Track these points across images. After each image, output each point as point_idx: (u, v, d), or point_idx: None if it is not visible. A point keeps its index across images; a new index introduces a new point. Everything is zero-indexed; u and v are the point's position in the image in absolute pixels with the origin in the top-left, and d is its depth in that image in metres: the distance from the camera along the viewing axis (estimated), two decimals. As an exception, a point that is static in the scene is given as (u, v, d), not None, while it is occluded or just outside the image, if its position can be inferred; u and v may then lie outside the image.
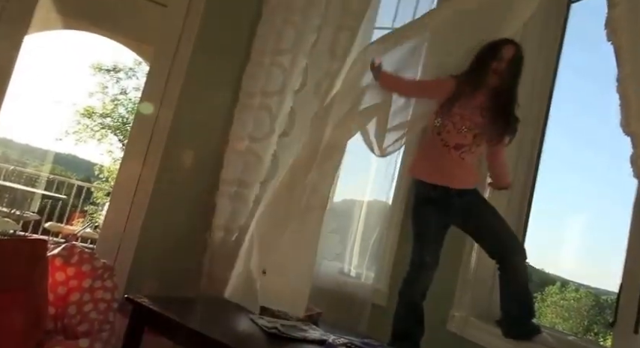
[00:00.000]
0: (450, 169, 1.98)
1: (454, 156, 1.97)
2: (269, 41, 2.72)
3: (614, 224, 1.93)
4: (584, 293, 3.65)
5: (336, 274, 2.47)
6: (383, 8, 2.77)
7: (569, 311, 3.55)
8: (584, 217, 2.51)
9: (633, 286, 1.63)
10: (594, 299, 3.55)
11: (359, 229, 2.57)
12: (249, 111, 2.69)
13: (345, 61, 2.50)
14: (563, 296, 3.83)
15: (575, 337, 2.03)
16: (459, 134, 1.97)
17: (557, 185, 2.01)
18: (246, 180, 2.58)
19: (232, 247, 2.45)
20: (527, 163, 2.22)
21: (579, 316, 3.61)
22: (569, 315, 3.55)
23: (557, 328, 2.20)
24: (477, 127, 1.97)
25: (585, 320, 3.55)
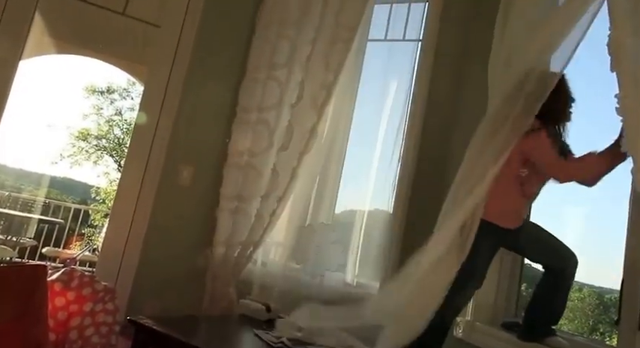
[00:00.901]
0: (522, 213, 1.96)
1: (524, 202, 1.97)
2: (264, 56, 2.75)
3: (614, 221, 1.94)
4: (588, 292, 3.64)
5: (340, 285, 2.46)
6: (375, 21, 2.80)
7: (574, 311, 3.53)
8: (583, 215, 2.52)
9: (635, 283, 1.63)
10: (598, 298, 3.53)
11: (361, 240, 2.57)
12: (247, 126, 2.71)
13: (340, 73, 2.53)
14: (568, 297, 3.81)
15: (582, 338, 2.02)
16: (536, 186, 1.95)
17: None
18: (246, 194, 2.58)
19: (234, 263, 2.44)
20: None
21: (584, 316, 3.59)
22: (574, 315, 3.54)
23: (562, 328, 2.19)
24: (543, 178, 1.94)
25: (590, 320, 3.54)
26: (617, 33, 1.56)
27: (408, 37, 2.71)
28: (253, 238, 2.47)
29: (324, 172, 2.70)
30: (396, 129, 2.56)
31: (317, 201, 2.69)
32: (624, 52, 1.53)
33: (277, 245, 2.68)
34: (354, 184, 2.75)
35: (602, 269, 2.53)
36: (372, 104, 2.70)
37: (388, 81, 2.67)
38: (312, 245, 2.44)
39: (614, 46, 1.57)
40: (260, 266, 2.59)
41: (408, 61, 2.65)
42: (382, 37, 2.81)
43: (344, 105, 2.74)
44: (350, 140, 2.77)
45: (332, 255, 2.41)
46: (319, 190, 2.70)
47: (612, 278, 1.97)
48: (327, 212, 2.68)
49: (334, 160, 2.72)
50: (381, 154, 2.62)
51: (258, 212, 2.50)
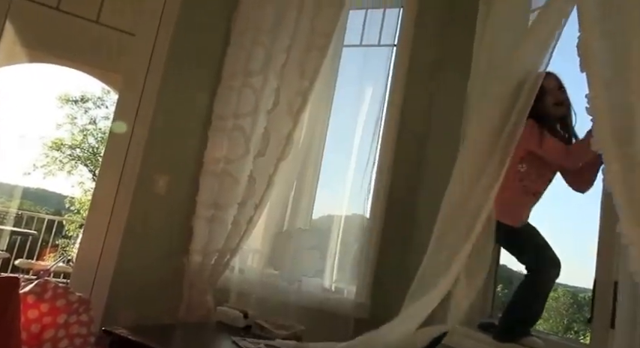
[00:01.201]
0: (523, 211, 1.99)
1: (530, 201, 1.99)
2: (239, 63, 2.76)
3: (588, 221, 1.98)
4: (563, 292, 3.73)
5: (318, 290, 2.46)
6: (350, 26, 2.84)
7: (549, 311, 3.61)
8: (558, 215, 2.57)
9: (607, 281, 1.68)
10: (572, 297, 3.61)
11: (339, 245, 2.57)
12: (223, 133, 2.71)
13: (316, 79, 2.55)
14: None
15: (556, 336, 2.06)
16: (540, 182, 1.97)
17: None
18: (222, 202, 2.57)
19: (211, 271, 2.43)
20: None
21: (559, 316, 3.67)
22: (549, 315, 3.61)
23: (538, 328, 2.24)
24: (555, 171, 1.98)
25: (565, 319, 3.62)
26: (586, 36, 1.62)
27: (383, 42, 2.74)
28: (230, 245, 2.45)
29: (301, 178, 2.71)
30: (372, 134, 2.58)
31: (294, 207, 2.69)
32: (592, 54, 1.58)
33: (254, 252, 2.67)
34: (331, 189, 2.76)
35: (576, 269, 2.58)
36: (348, 109, 2.72)
37: (364, 86, 2.69)
38: (289, 251, 2.44)
39: (583, 49, 1.62)
40: (237, 273, 2.57)
41: (383, 67, 2.67)
42: (357, 42, 2.84)
43: (320, 111, 2.76)
44: (326, 146, 2.78)
45: (309, 260, 2.42)
46: (296, 196, 2.71)
47: (586, 278, 2.01)
48: (304, 218, 2.68)
49: (311, 166, 2.73)
50: (357, 159, 2.63)
51: (235, 219, 2.48)
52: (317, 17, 2.62)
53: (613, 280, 1.66)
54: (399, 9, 2.71)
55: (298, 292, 2.39)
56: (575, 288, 3.49)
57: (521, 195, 1.96)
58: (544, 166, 1.94)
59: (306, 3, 2.68)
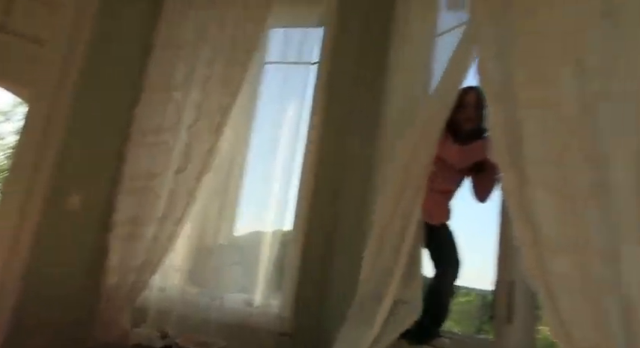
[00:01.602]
0: (441, 210, 2.14)
1: (442, 199, 2.14)
2: (162, 77, 2.72)
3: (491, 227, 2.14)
4: (474, 296, 3.94)
5: (241, 306, 2.44)
6: (272, 44, 2.89)
7: (462, 314, 3.81)
8: (472, 223, 2.74)
9: (504, 282, 1.83)
10: (482, 300, 3.82)
11: (262, 260, 2.57)
12: (144, 148, 2.64)
13: (238, 94, 2.56)
14: (457, 301, 4.08)
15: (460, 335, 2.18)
16: (449, 181, 2.14)
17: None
18: (142, 218, 2.50)
19: (128, 290, 2.33)
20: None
21: (471, 318, 3.88)
22: (462, 318, 3.81)
23: (453, 330, 2.36)
24: (462, 174, 2.14)
25: (477, 321, 3.83)
26: (483, 56, 1.78)
27: (304, 60, 2.81)
28: (149, 263, 2.38)
29: (224, 193, 2.69)
30: (294, 149, 2.63)
31: (216, 222, 2.65)
32: (488, 73, 1.74)
33: (176, 270, 2.60)
34: (255, 205, 2.75)
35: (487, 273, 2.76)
36: (271, 125, 2.75)
37: (286, 102, 2.74)
38: (211, 267, 2.40)
39: (480, 68, 1.79)
40: (157, 292, 2.49)
41: (304, 84, 2.74)
42: (279, 59, 2.89)
43: (242, 126, 2.77)
44: (249, 161, 2.78)
45: (232, 276, 2.39)
46: (219, 212, 2.67)
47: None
48: (227, 233, 2.65)
49: (233, 181, 2.71)
50: (280, 175, 2.66)
51: (155, 236, 2.42)
52: (239, 33, 2.65)
53: (510, 279, 1.80)
54: (320, 28, 2.81)
55: (220, 308, 2.35)
56: (485, 291, 3.70)
57: (433, 194, 2.09)
58: (449, 168, 2.10)
59: (227, 19, 2.70)
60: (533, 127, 1.55)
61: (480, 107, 2.10)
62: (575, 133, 1.46)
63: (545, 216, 1.43)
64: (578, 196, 1.40)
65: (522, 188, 1.54)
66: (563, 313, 1.31)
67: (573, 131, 1.46)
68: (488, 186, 2.09)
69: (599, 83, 1.43)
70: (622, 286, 1.25)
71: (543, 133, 1.53)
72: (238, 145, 2.73)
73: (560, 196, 1.42)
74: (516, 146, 1.59)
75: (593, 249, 1.31)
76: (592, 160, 1.41)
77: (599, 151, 1.40)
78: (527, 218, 1.49)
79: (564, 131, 1.48)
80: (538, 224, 1.44)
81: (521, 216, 1.51)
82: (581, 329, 1.28)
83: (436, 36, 2.48)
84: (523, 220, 1.50)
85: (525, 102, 1.60)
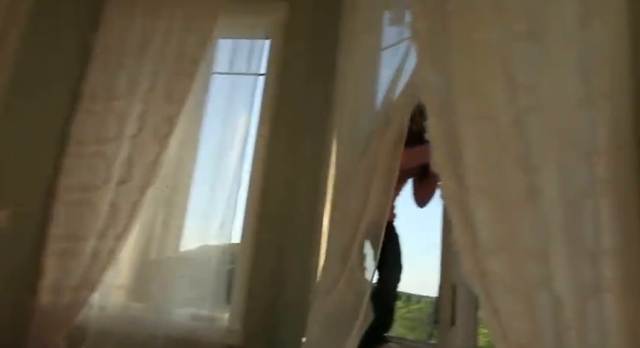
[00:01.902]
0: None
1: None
2: (101, 86, 2.64)
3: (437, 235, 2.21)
4: (425, 303, 4.05)
5: (188, 320, 2.37)
6: (220, 54, 2.88)
7: (414, 321, 3.91)
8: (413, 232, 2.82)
9: (448, 286, 1.90)
10: (432, 307, 3.94)
11: (212, 273, 2.52)
12: (82, 159, 2.54)
13: (184, 105, 2.53)
14: (408, 309, 4.20)
15: (415, 342, 2.24)
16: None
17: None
18: (79, 234, 2.39)
19: (65, 310, 2.23)
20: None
21: (422, 325, 3.98)
22: (415, 325, 3.91)
23: (407, 337, 2.42)
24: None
25: (428, 327, 3.93)
26: (423, 72, 1.86)
27: (252, 70, 2.81)
28: (89, 280, 2.28)
29: (169, 205, 2.62)
30: (242, 161, 2.61)
31: (162, 235, 2.58)
32: (429, 86, 1.83)
33: (118, 286, 2.50)
34: (202, 217, 2.70)
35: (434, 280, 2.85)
36: (218, 136, 2.72)
37: (233, 113, 2.72)
38: (156, 281, 2.33)
39: (420, 82, 1.87)
40: (97, 310, 2.38)
41: (252, 94, 2.74)
42: (227, 70, 2.88)
43: (189, 137, 2.72)
44: (196, 173, 2.73)
45: (178, 290, 2.33)
46: (164, 224, 2.60)
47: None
48: (173, 246, 2.58)
49: (179, 193, 2.65)
50: (229, 186, 2.63)
51: (95, 252, 2.32)
52: (184, 43, 2.63)
53: (453, 283, 1.88)
54: (267, 40, 2.83)
55: (167, 323, 2.28)
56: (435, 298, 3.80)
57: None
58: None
59: (173, 28, 2.67)
60: (470, 138, 1.64)
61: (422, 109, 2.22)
62: (509, 144, 1.56)
63: (482, 220, 1.52)
64: (512, 202, 1.49)
65: (462, 195, 1.62)
66: (499, 312, 1.39)
67: (507, 142, 1.57)
68: (428, 192, 2.19)
69: (527, 98, 1.55)
70: (552, 283, 1.34)
71: (480, 143, 1.62)
72: (185, 157, 2.68)
73: (495, 201, 1.51)
74: (456, 156, 1.68)
75: (526, 249, 1.41)
76: (524, 169, 1.51)
77: (531, 161, 1.50)
78: (466, 223, 1.57)
79: (499, 142, 1.58)
80: (476, 228, 1.52)
81: (461, 221, 1.59)
82: (516, 325, 1.36)
83: (381, 50, 2.58)
84: (462, 225, 1.58)
85: (463, 114, 1.69)
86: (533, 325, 1.33)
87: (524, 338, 1.33)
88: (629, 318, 1.19)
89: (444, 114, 1.76)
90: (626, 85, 1.41)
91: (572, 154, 1.41)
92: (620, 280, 1.20)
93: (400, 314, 4.69)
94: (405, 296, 4.60)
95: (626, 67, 1.43)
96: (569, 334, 1.28)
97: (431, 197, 2.22)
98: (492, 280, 1.43)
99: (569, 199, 1.36)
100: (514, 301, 1.37)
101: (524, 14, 1.64)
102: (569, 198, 1.36)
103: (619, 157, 1.32)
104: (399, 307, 4.68)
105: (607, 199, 1.27)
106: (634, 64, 1.43)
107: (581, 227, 1.33)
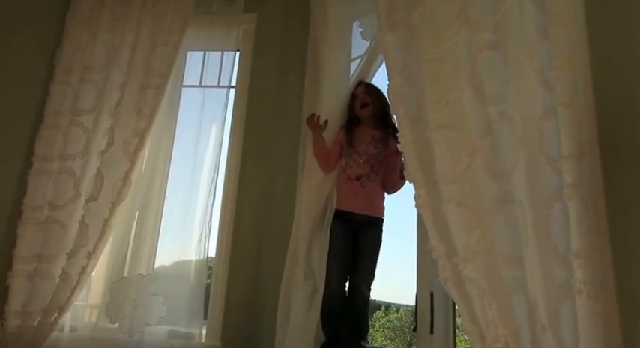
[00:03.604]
0: (354, 197, 2.22)
1: (356, 186, 2.23)
2: (66, 101, 2.59)
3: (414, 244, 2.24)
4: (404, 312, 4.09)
5: (164, 337, 2.31)
6: (189, 67, 2.85)
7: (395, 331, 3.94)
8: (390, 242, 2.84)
9: (426, 294, 1.92)
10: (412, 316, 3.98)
11: (187, 289, 2.46)
12: (48, 176, 2.47)
13: (154, 118, 2.49)
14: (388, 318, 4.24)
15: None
16: (358, 167, 2.25)
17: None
18: (48, 253, 2.32)
19: (34, 334, 2.15)
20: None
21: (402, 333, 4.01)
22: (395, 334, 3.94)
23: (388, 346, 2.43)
24: (373, 158, 2.26)
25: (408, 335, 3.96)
26: (394, 84, 1.89)
27: (222, 83, 2.79)
28: (59, 301, 2.20)
29: (141, 221, 2.54)
30: (215, 174, 2.57)
31: (134, 253, 2.50)
32: (400, 98, 1.85)
33: (90, 306, 2.42)
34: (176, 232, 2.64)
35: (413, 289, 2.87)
36: (190, 149, 2.66)
37: (204, 126, 2.68)
38: (128, 299, 2.26)
39: (392, 94, 1.89)
40: (68, 332, 2.29)
41: (223, 107, 2.72)
42: (197, 82, 2.85)
43: (160, 151, 2.66)
44: (168, 187, 2.67)
45: (152, 308, 2.27)
46: (136, 241, 2.53)
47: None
48: (146, 264, 2.51)
49: (152, 209, 2.57)
50: (202, 200, 2.58)
51: (65, 271, 2.24)
52: (152, 56, 2.60)
53: (430, 291, 1.90)
54: (236, 52, 2.82)
55: (140, 342, 2.22)
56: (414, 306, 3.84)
57: (346, 181, 2.27)
58: (359, 156, 2.28)
59: (140, 42, 2.64)
60: (441, 147, 1.67)
61: (371, 93, 2.36)
62: (478, 152, 1.60)
63: (456, 228, 1.54)
64: (484, 208, 1.52)
65: (435, 203, 1.64)
66: (477, 317, 1.41)
67: (477, 150, 1.60)
68: (395, 182, 2.26)
69: (495, 107, 1.59)
70: (527, 286, 1.37)
71: (451, 152, 1.65)
72: (157, 170, 2.62)
73: (468, 208, 1.54)
74: (428, 165, 1.71)
75: (500, 254, 1.44)
76: (495, 176, 1.55)
77: (501, 168, 1.54)
78: (441, 231, 1.60)
79: (469, 150, 1.61)
80: (451, 236, 1.55)
81: (436, 229, 1.61)
82: (494, 330, 1.38)
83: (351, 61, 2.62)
84: (437, 233, 1.61)
85: (434, 123, 1.72)
86: (511, 328, 1.36)
87: (502, 342, 1.36)
88: (600, 317, 1.23)
89: (416, 123, 1.79)
90: (587, 92, 1.47)
91: (540, 161, 1.45)
92: (590, 281, 1.24)
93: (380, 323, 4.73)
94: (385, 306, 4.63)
95: (585, 75, 1.49)
96: (544, 336, 1.31)
97: (398, 187, 2.29)
98: (469, 286, 1.45)
99: (540, 204, 1.40)
100: (490, 306, 1.39)
101: (489, 25, 1.69)
102: (539, 203, 1.40)
103: (583, 162, 1.37)
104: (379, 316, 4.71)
105: (575, 202, 1.31)
106: (593, 72, 1.49)
107: (551, 231, 1.37)
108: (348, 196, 2.23)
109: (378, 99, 2.35)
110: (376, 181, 2.27)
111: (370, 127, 2.33)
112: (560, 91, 1.41)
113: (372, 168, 2.26)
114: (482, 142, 1.59)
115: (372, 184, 2.25)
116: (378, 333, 4.05)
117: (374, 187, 2.26)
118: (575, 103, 1.41)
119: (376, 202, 2.27)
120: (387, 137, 2.30)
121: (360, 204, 2.22)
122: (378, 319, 4.19)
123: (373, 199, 2.26)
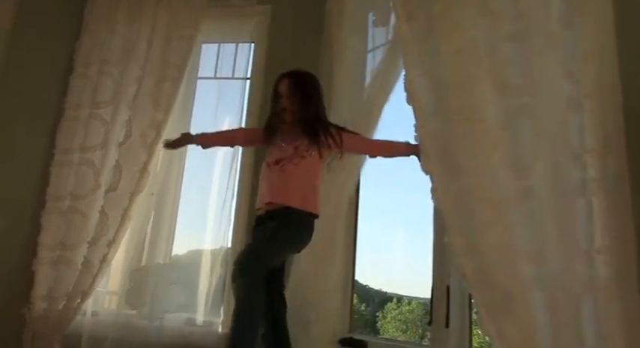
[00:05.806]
0: (270, 184, 2.01)
1: (274, 171, 1.99)
2: (85, 94, 2.63)
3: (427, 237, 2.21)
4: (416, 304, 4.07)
5: (182, 325, 2.36)
6: (204, 59, 2.85)
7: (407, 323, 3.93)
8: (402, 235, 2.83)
9: (441, 287, 1.90)
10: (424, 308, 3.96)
11: (205, 278, 2.50)
12: (69, 168, 2.53)
13: (170, 111, 2.51)
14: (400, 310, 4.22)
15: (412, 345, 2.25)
16: (279, 151, 2.00)
17: (380, 203, 2.24)
18: (70, 241, 2.38)
19: (58, 318, 2.22)
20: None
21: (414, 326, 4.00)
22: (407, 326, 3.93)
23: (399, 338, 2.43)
24: (296, 141, 1.99)
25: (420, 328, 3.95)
26: (411, 75, 1.86)
27: (237, 75, 2.80)
28: (81, 287, 2.27)
29: (159, 211, 2.59)
30: (230, 165, 2.58)
31: (152, 242, 2.55)
32: (416, 90, 1.82)
33: (111, 292, 2.48)
34: (193, 222, 2.68)
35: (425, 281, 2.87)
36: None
37: (220, 118, 2.71)
38: (148, 287, 2.31)
39: (408, 85, 1.86)
40: (90, 317, 2.36)
41: (238, 99, 2.73)
42: (212, 75, 2.86)
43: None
44: (185, 178, 2.71)
45: (171, 295, 2.32)
46: (154, 231, 2.57)
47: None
48: (164, 252, 2.56)
49: (169, 199, 2.63)
50: (217, 191, 2.61)
51: (86, 259, 2.30)
52: (168, 49, 2.61)
53: (446, 284, 1.88)
54: (250, 44, 2.82)
55: (160, 329, 2.27)
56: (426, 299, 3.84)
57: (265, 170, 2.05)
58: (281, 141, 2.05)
59: (156, 36, 2.65)
60: (461, 139, 1.63)
61: (295, 94, 2.04)
62: (499, 144, 1.56)
63: (475, 221, 1.52)
64: (504, 202, 1.49)
65: (454, 197, 1.62)
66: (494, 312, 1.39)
67: (497, 143, 1.57)
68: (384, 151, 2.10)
69: (517, 98, 1.55)
70: (547, 282, 1.35)
71: (470, 145, 1.61)
72: (173, 161, 2.65)
73: (488, 202, 1.51)
74: (446, 158, 1.67)
75: (520, 249, 1.41)
76: (516, 169, 1.51)
77: (522, 161, 1.51)
78: (460, 224, 1.57)
79: (489, 143, 1.58)
80: (469, 229, 1.52)
81: (454, 223, 1.59)
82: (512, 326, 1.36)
83: (367, 52, 2.58)
84: (456, 227, 1.58)
85: (453, 116, 1.69)
86: (529, 325, 1.34)
87: (519, 339, 1.34)
88: (623, 315, 1.21)
89: (434, 116, 1.76)
90: (613, 84, 1.43)
91: (563, 154, 1.42)
92: (613, 277, 1.22)
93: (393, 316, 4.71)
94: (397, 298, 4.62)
95: (612, 67, 1.44)
96: (565, 333, 1.29)
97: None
98: (487, 281, 1.43)
99: (562, 199, 1.37)
100: (509, 302, 1.37)
101: (510, 15, 1.65)
102: (561, 197, 1.37)
103: (608, 156, 1.33)
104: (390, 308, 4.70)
105: (599, 197, 1.28)
106: (621, 64, 1.45)
107: (574, 226, 1.34)
108: (260, 190, 2.02)
109: (302, 99, 2.04)
110: (301, 165, 1.94)
111: (295, 133, 2.02)
112: (584, 83, 1.38)
113: (295, 150, 1.96)
114: (502, 134, 1.56)
115: (294, 168, 1.93)
116: (389, 325, 4.04)
117: (297, 171, 1.93)
118: (601, 95, 1.37)
119: (289, 187, 1.93)
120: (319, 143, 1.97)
121: (264, 194, 1.97)
122: (389, 312, 4.18)
123: (286, 183, 1.93)
